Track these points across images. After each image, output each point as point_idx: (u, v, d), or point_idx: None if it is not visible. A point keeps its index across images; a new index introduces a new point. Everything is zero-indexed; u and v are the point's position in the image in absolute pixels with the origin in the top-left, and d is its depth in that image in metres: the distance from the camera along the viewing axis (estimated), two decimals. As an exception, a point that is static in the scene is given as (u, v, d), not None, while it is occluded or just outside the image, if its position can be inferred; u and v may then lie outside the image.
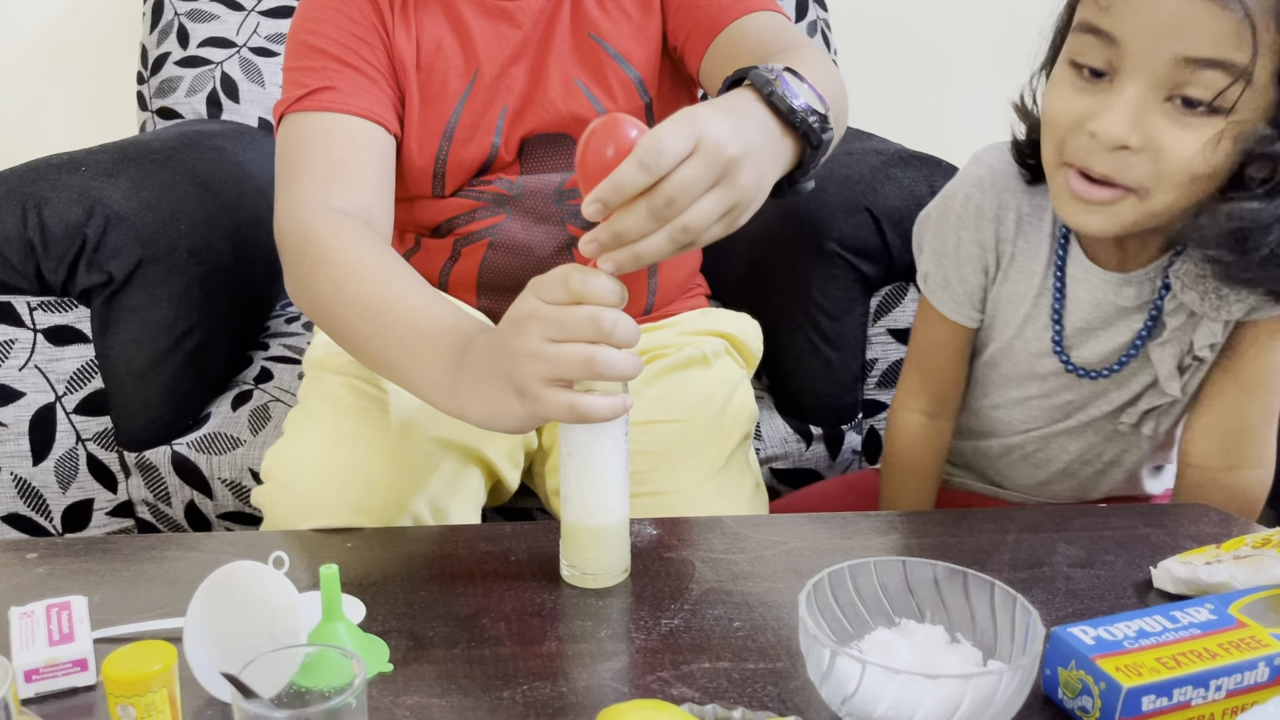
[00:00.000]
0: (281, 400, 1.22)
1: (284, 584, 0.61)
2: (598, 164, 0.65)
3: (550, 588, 0.75)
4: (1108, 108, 0.77)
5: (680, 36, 1.03)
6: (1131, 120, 0.76)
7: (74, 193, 1.10)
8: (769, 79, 0.73)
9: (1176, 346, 0.90)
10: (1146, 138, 0.76)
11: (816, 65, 0.84)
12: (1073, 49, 0.80)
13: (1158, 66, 0.75)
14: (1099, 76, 0.79)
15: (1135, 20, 0.75)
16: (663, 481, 0.95)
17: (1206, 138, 0.75)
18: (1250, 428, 0.91)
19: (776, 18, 0.99)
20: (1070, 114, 0.80)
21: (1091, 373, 0.93)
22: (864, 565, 0.65)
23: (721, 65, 0.98)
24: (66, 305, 1.15)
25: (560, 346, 0.66)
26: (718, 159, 0.65)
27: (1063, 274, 0.91)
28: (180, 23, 1.64)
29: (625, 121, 0.66)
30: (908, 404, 1.03)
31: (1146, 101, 0.76)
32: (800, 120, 0.73)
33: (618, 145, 0.65)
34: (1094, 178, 0.80)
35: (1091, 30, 0.78)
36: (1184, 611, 0.65)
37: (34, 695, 0.62)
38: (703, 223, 0.65)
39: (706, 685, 0.64)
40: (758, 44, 0.94)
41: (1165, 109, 0.76)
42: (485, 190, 1.03)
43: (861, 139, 1.32)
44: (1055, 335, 0.93)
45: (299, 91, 0.94)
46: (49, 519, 1.21)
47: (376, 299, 0.80)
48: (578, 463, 0.72)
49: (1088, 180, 0.80)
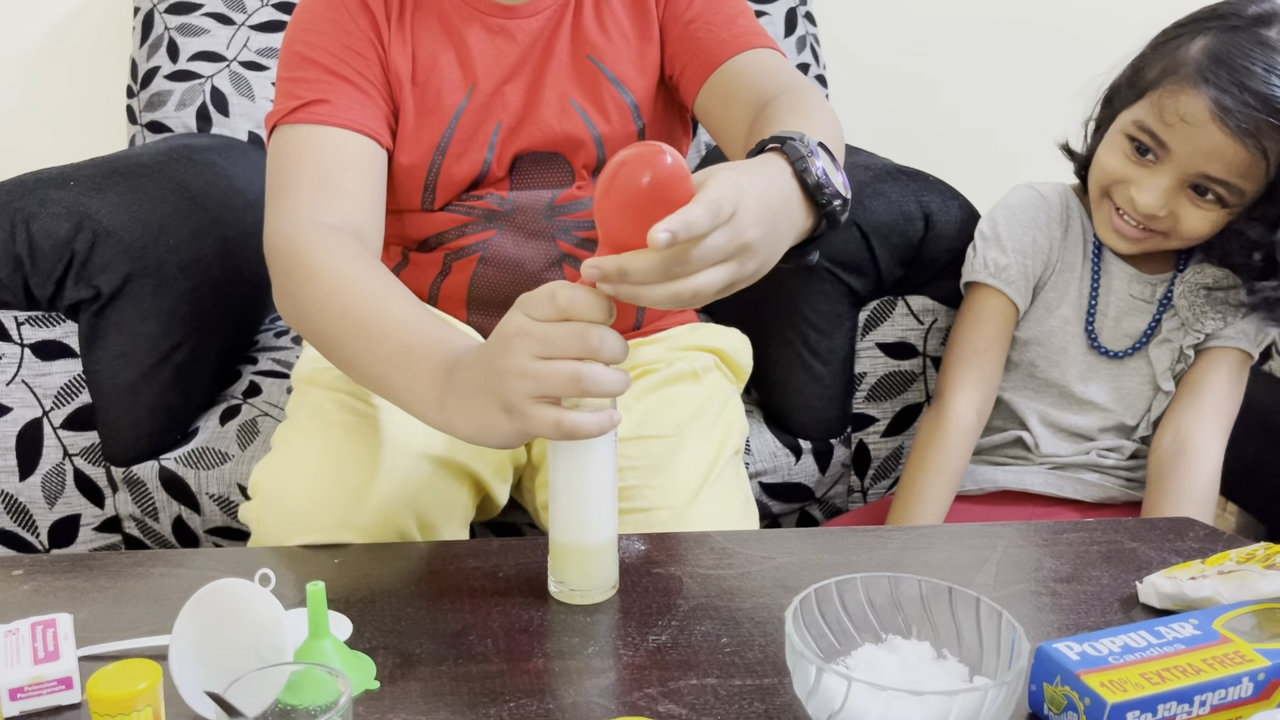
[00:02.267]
0: (270, 415, 1.22)
1: (270, 601, 0.61)
2: (632, 191, 0.63)
3: (538, 604, 0.74)
4: (1148, 186, 1.05)
5: (677, 67, 1.04)
6: (1161, 201, 1.05)
7: (62, 207, 1.10)
8: (803, 154, 0.74)
9: (1170, 349, 1.13)
10: (1170, 212, 1.06)
11: (819, 112, 0.86)
12: (1131, 130, 1.06)
13: (1189, 172, 1.03)
14: (1144, 154, 1.05)
15: (1186, 142, 1.02)
16: (653, 497, 0.95)
17: (1213, 215, 1.06)
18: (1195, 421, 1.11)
19: (773, 56, 1.00)
20: (1119, 174, 1.08)
21: (1111, 351, 1.14)
22: (851, 581, 0.65)
23: (718, 103, 0.99)
24: (54, 320, 1.15)
25: (547, 364, 0.66)
26: (739, 238, 0.66)
27: (1098, 269, 1.15)
28: (170, 37, 1.64)
29: (663, 151, 0.64)
30: (963, 396, 1.12)
31: (1174, 190, 1.05)
32: (826, 200, 0.75)
33: (654, 173, 0.63)
34: (1130, 219, 1.08)
35: (1150, 134, 1.04)
36: (1169, 627, 0.65)
37: (18, 714, 0.62)
38: (706, 290, 0.65)
39: (694, 702, 0.64)
40: (755, 84, 0.95)
41: (1187, 193, 1.05)
42: (476, 206, 1.03)
43: (850, 154, 1.33)
44: (1089, 317, 1.15)
45: (291, 103, 0.94)
46: (35, 535, 1.21)
47: (365, 314, 0.80)
48: (566, 479, 0.72)
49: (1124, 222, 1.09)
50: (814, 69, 1.75)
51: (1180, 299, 1.12)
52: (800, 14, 1.75)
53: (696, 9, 1.02)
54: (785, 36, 1.73)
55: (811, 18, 1.78)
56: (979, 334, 1.15)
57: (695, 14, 1.02)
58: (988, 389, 1.14)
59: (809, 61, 1.74)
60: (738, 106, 0.96)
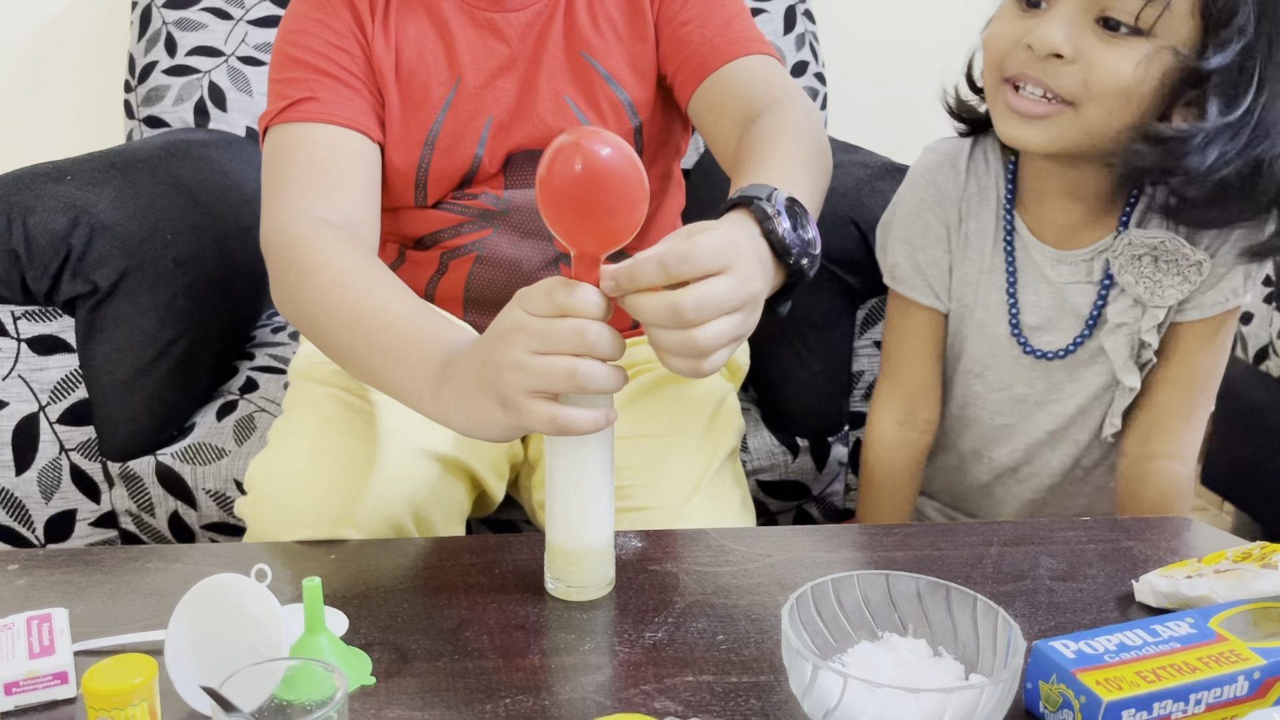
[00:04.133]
0: (267, 410, 1.22)
1: (266, 597, 0.61)
2: (566, 180, 0.63)
3: (534, 600, 0.74)
4: (1046, 21, 0.84)
5: (670, 69, 1.04)
6: (1064, 32, 0.83)
7: (59, 202, 1.10)
8: (769, 215, 0.74)
9: (1128, 335, 0.94)
10: (1077, 49, 0.83)
11: (797, 142, 0.87)
12: None
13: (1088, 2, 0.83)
14: (1035, 7, 0.86)
15: None
16: (649, 496, 0.95)
17: (1134, 58, 0.82)
18: (1169, 421, 0.96)
19: (767, 63, 1.00)
20: (1009, 34, 0.87)
21: (1048, 354, 0.96)
22: (847, 579, 0.65)
23: (709, 111, 1.00)
24: (51, 315, 1.15)
25: (544, 359, 0.66)
26: (746, 286, 0.67)
27: (1012, 252, 0.96)
28: (168, 31, 1.64)
29: (597, 137, 0.63)
30: (880, 412, 1.04)
31: (1077, 21, 0.84)
32: (794, 260, 0.75)
33: (586, 161, 0.63)
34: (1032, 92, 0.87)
35: None
36: (1164, 625, 0.65)
37: (13, 708, 0.62)
38: (715, 342, 0.66)
39: (689, 699, 0.64)
40: (746, 94, 0.96)
41: (1095, 29, 0.83)
42: (471, 205, 1.03)
43: (848, 152, 1.33)
44: (1012, 317, 0.96)
45: (282, 103, 0.94)
46: (31, 530, 1.21)
47: (361, 307, 0.80)
48: (562, 476, 0.72)
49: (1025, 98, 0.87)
50: (813, 66, 1.75)
51: (1123, 273, 0.92)
52: (799, 11, 1.75)
53: (692, 10, 1.02)
54: (784, 34, 1.73)
55: (810, 15, 1.78)
56: (889, 342, 1.06)
57: (690, 15, 1.02)
58: (907, 398, 1.04)
59: (808, 59, 1.74)
60: (728, 118, 0.97)
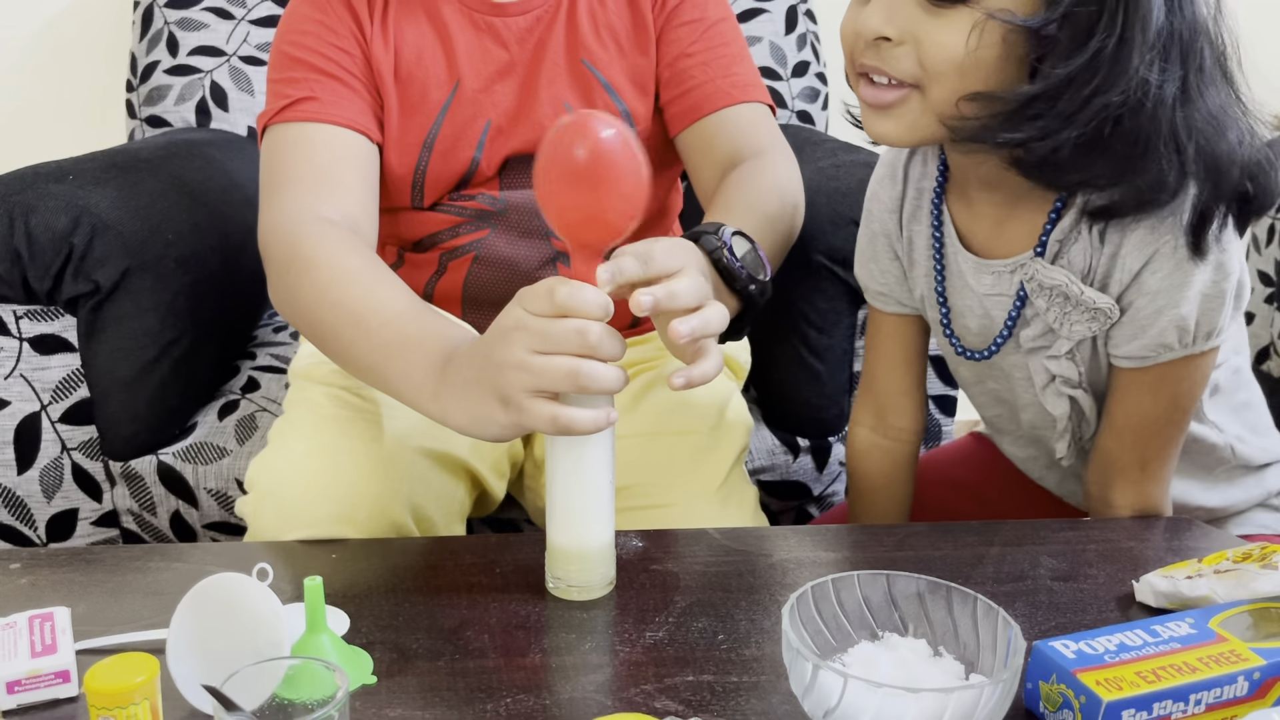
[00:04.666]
0: (268, 410, 1.22)
1: (267, 596, 0.61)
2: (568, 165, 0.65)
3: (535, 600, 0.75)
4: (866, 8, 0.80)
5: (667, 98, 1.05)
6: (885, 14, 0.79)
7: (61, 201, 1.10)
8: (717, 245, 0.83)
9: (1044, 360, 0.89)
10: (902, 29, 0.79)
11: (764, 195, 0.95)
12: None
13: None
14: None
15: None
16: (662, 495, 0.95)
17: (962, 29, 0.77)
18: (1125, 470, 0.90)
19: (758, 112, 1.03)
20: (848, 25, 0.83)
21: (974, 354, 0.94)
22: (847, 578, 0.65)
23: (695, 152, 1.04)
24: (53, 314, 1.15)
25: (545, 358, 0.66)
26: (706, 284, 0.74)
27: (941, 255, 0.93)
28: (170, 31, 1.64)
29: (599, 118, 0.66)
30: (856, 418, 1.05)
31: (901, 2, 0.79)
32: (740, 285, 0.84)
33: (589, 145, 0.65)
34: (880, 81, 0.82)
35: None
36: (1164, 626, 0.65)
37: (15, 707, 0.62)
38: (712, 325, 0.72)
39: (690, 698, 0.64)
40: (733, 143, 1.01)
41: (920, 4, 0.78)
42: (468, 205, 1.03)
43: (848, 152, 1.33)
44: (943, 317, 0.95)
45: (281, 103, 0.94)
46: (33, 529, 1.21)
47: (361, 305, 0.80)
48: (563, 476, 0.73)
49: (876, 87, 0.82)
50: (814, 66, 1.75)
51: (1036, 297, 0.87)
52: (800, 11, 1.75)
53: (698, 43, 1.03)
54: (785, 34, 1.73)
55: (812, 15, 1.78)
56: (865, 349, 1.05)
57: (697, 50, 1.03)
58: (878, 405, 1.02)
59: (809, 59, 1.74)
60: (711, 162, 1.01)
